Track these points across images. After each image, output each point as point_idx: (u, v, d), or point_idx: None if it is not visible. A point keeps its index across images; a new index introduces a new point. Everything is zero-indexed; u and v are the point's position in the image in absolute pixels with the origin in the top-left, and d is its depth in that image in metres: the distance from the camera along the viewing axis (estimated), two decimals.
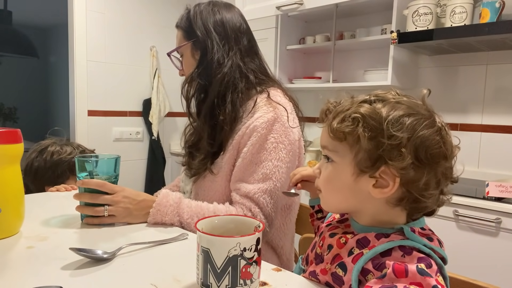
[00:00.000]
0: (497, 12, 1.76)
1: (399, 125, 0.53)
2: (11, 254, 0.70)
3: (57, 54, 5.62)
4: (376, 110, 0.54)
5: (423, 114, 0.55)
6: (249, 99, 1.03)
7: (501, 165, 2.00)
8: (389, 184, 0.54)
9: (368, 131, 0.53)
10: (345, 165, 0.57)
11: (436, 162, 0.54)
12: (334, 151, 0.58)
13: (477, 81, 2.07)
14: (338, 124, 0.56)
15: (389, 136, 0.52)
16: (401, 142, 0.52)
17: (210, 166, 1.03)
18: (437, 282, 0.48)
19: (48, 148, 1.36)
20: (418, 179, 0.54)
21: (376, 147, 0.53)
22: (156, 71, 3.11)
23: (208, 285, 0.55)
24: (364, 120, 0.54)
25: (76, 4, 2.70)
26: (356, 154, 0.55)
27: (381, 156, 0.53)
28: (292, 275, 0.65)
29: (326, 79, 2.57)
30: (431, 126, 0.54)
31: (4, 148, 0.75)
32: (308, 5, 2.26)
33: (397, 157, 0.52)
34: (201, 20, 1.07)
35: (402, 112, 0.54)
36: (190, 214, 0.91)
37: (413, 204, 0.56)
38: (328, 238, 0.63)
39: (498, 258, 1.54)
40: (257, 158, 0.96)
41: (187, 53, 1.10)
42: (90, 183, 0.87)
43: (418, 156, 0.53)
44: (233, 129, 1.01)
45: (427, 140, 0.53)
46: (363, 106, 0.55)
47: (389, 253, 0.53)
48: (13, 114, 5.62)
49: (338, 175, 0.59)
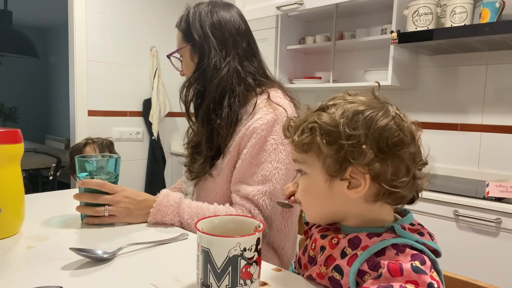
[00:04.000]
0: (497, 12, 1.76)
1: (354, 124, 0.55)
2: (11, 254, 0.70)
3: (57, 54, 5.62)
4: (330, 115, 0.56)
5: (375, 107, 0.56)
6: (249, 101, 1.03)
7: (501, 165, 2.00)
8: (361, 182, 0.55)
9: (326, 136, 0.55)
10: (317, 174, 0.58)
11: (398, 150, 0.55)
12: (304, 163, 0.60)
13: (477, 81, 2.07)
14: (299, 137, 0.58)
15: (347, 136, 0.54)
16: (360, 139, 0.54)
17: (210, 170, 1.03)
18: (432, 278, 0.49)
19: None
20: (385, 171, 0.54)
21: (338, 150, 0.54)
22: (156, 71, 3.11)
23: (208, 285, 0.55)
24: (320, 127, 0.56)
25: (76, 4, 2.70)
26: (324, 161, 0.57)
27: (345, 157, 0.54)
28: (292, 275, 0.65)
29: (326, 79, 2.57)
30: (385, 117, 0.55)
31: (4, 148, 0.75)
32: (308, 5, 2.26)
33: (360, 155, 0.54)
34: (199, 23, 1.06)
35: (355, 110, 0.56)
36: (190, 215, 0.91)
37: (391, 196, 0.57)
38: (320, 240, 0.63)
39: (498, 258, 1.54)
40: (257, 159, 0.96)
41: (186, 55, 1.10)
42: (91, 183, 0.87)
43: (380, 148, 0.54)
44: (231, 133, 1.01)
45: (385, 131, 0.54)
46: (318, 114, 0.57)
47: (383, 253, 0.53)
48: (13, 114, 5.63)
49: (312, 185, 0.60)
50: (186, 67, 1.11)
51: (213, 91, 1.01)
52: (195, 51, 1.07)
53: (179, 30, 1.11)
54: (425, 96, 2.26)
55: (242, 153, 0.97)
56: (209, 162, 1.03)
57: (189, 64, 1.09)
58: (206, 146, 1.03)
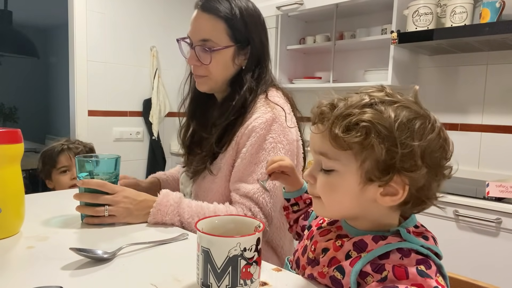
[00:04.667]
0: (497, 12, 1.76)
1: (408, 132, 0.51)
2: (11, 254, 0.70)
3: (57, 54, 5.62)
4: (383, 116, 0.51)
5: (423, 116, 0.54)
6: (250, 100, 1.03)
7: (501, 165, 2.00)
8: (398, 191, 0.53)
9: (382, 141, 0.50)
10: (350, 173, 0.54)
11: (441, 165, 0.54)
12: (336, 160, 0.55)
13: (477, 81, 2.07)
14: (344, 133, 0.52)
15: (401, 144, 0.50)
16: (413, 149, 0.51)
17: (210, 166, 1.02)
18: (437, 283, 0.48)
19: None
20: (426, 184, 0.53)
21: (390, 157, 0.51)
22: (156, 71, 3.11)
23: (208, 285, 0.55)
24: (375, 129, 0.51)
25: (76, 4, 2.70)
26: (362, 163, 0.52)
27: (393, 165, 0.51)
28: (292, 275, 0.65)
29: (326, 79, 2.57)
30: (433, 129, 0.53)
31: (4, 148, 0.75)
32: (308, 5, 2.26)
33: (412, 167, 0.51)
34: (255, 27, 1.03)
35: (408, 116, 0.52)
36: (190, 214, 0.91)
37: (418, 207, 0.56)
38: (321, 242, 0.62)
39: (498, 258, 1.54)
40: (256, 158, 0.96)
41: (227, 54, 1.01)
42: (91, 183, 0.87)
43: (425, 161, 0.52)
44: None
45: (433, 144, 0.52)
46: (367, 111, 0.52)
47: (387, 256, 0.53)
48: (13, 114, 5.63)
49: (341, 184, 0.55)
50: (219, 65, 1.02)
51: (244, 95, 1.02)
52: (245, 54, 1.04)
53: (222, 20, 0.99)
54: (425, 96, 2.24)
55: (241, 152, 0.97)
56: (210, 157, 1.03)
57: (227, 63, 1.02)
58: (212, 143, 1.02)
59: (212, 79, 1.04)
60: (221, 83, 1.06)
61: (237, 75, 1.05)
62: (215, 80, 1.04)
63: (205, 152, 1.04)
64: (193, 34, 1.02)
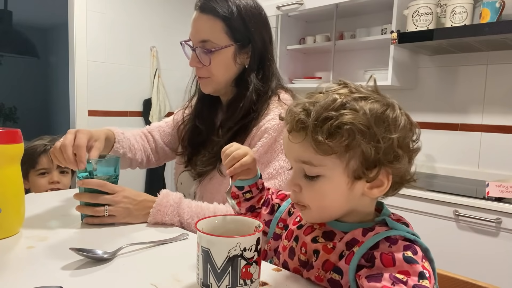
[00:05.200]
0: (497, 12, 1.76)
1: (385, 124, 0.53)
2: (11, 254, 0.70)
3: (57, 54, 5.62)
4: (360, 114, 0.52)
5: (390, 104, 0.55)
6: (262, 102, 1.03)
7: (501, 165, 2.00)
8: (383, 182, 0.55)
9: (366, 139, 0.51)
10: (337, 176, 0.54)
11: (413, 148, 0.56)
12: (321, 166, 0.54)
13: (477, 81, 2.07)
14: (328, 138, 0.51)
15: (382, 138, 0.52)
16: (393, 141, 0.52)
17: (219, 165, 1.01)
18: (423, 268, 0.50)
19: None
20: (403, 167, 0.55)
21: (375, 152, 0.52)
22: (156, 71, 3.11)
23: (208, 285, 0.55)
24: (357, 129, 0.51)
25: (76, 4, 2.70)
26: (348, 163, 0.53)
27: (378, 160, 0.53)
28: (292, 275, 0.65)
29: (326, 79, 2.57)
30: (401, 115, 0.55)
31: (4, 148, 0.75)
32: (308, 5, 2.26)
33: (394, 158, 0.53)
34: (255, 24, 1.01)
35: (380, 109, 0.53)
36: (190, 214, 0.91)
37: (395, 190, 0.58)
38: (311, 244, 0.61)
39: (498, 258, 1.54)
40: (264, 158, 0.97)
41: (227, 54, 1.00)
42: (90, 183, 0.87)
43: (403, 149, 0.54)
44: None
45: (404, 131, 0.54)
46: (345, 113, 0.52)
47: (377, 246, 0.54)
48: (13, 114, 5.63)
49: (330, 188, 0.55)
50: (220, 65, 1.01)
51: (251, 96, 1.01)
52: (247, 53, 1.03)
53: (220, 19, 0.98)
54: (425, 96, 2.26)
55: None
56: (219, 159, 1.02)
57: (228, 63, 1.02)
58: (222, 146, 1.01)
59: (215, 80, 1.04)
60: (225, 83, 1.05)
61: (241, 75, 1.04)
62: (218, 81, 1.04)
63: (213, 153, 1.02)
64: (193, 36, 1.02)
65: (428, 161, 2.24)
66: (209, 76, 1.03)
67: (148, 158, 1.20)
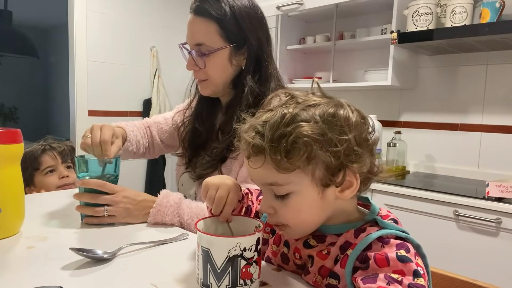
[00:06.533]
0: (497, 12, 1.76)
1: (338, 127, 0.52)
2: (11, 254, 0.70)
3: (57, 54, 5.62)
4: (311, 124, 0.52)
5: (338, 105, 0.55)
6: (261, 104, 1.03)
7: (501, 165, 2.00)
8: (352, 182, 0.55)
9: (324, 147, 0.51)
10: (307, 189, 0.54)
11: (371, 141, 0.56)
12: (289, 183, 0.54)
13: (477, 81, 2.07)
14: (287, 156, 0.51)
15: (339, 141, 0.52)
16: (350, 141, 0.52)
17: (221, 167, 1.01)
18: (417, 265, 0.50)
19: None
20: (367, 163, 0.55)
21: (336, 158, 0.52)
22: (156, 71, 3.11)
23: (208, 285, 0.55)
24: (313, 139, 0.51)
25: (76, 4, 2.71)
26: (313, 174, 0.53)
27: (340, 163, 0.53)
28: (292, 275, 0.65)
29: (326, 79, 2.57)
30: (351, 112, 0.55)
31: (4, 148, 0.75)
32: (308, 5, 2.26)
33: (356, 158, 0.53)
34: (250, 25, 0.99)
35: (329, 112, 0.53)
36: (190, 215, 0.91)
37: (367, 185, 0.59)
38: (304, 250, 0.61)
39: (498, 258, 1.54)
40: None
41: (223, 56, 0.99)
42: (90, 183, 0.87)
43: (360, 144, 0.54)
44: None
45: (359, 127, 0.54)
46: (297, 126, 0.51)
47: (370, 246, 0.54)
48: (13, 114, 5.63)
49: (303, 201, 0.55)
50: (217, 67, 1.01)
51: (247, 98, 1.00)
52: (243, 54, 1.01)
53: (214, 21, 0.97)
54: (425, 96, 2.26)
55: None
56: (219, 161, 1.02)
57: (224, 65, 1.01)
58: (223, 149, 1.00)
59: (213, 83, 1.03)
60: (222, 85, 1.05)
61: (238, 76, 1.04)
62: (216, 83, 1.04)
63: (212, 156, 1.02)
64: (189, 39, 1.02)
65: (428, 161, 2.24)
66: (207, 78, 1.03)
67: (145, 151, 1.24)
